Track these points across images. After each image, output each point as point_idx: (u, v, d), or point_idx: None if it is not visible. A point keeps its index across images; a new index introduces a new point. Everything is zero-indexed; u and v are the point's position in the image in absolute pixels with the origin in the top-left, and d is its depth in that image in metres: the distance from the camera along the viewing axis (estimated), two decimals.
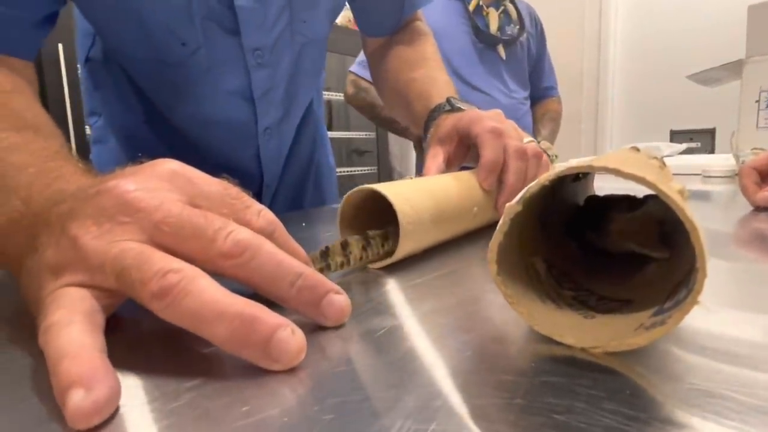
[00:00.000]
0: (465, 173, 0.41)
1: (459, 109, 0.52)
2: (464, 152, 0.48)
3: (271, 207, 0.68)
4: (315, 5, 0.57)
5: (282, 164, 0.66)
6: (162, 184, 0.21)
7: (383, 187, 0.31)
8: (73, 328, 0.17)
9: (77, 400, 0.14)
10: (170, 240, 0.19)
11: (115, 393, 0.15)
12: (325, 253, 0.28)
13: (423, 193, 0.34)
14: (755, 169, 0.50)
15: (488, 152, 0.41)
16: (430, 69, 0.64)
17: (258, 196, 0.65)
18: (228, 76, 0.53)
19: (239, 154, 0.60)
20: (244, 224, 0.21)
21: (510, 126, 0.45)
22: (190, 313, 0.17)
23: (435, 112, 0.54)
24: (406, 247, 0.31)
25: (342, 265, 0.28)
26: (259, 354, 0.17)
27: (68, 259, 0.19)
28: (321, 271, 0.27)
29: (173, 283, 0.17)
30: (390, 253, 0.31)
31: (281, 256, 0.20)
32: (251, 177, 0.63)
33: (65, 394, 0.15)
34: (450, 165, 0.47)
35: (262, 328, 0.17)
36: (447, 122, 0.49)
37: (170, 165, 0.22)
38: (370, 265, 0.32)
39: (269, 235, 0.22)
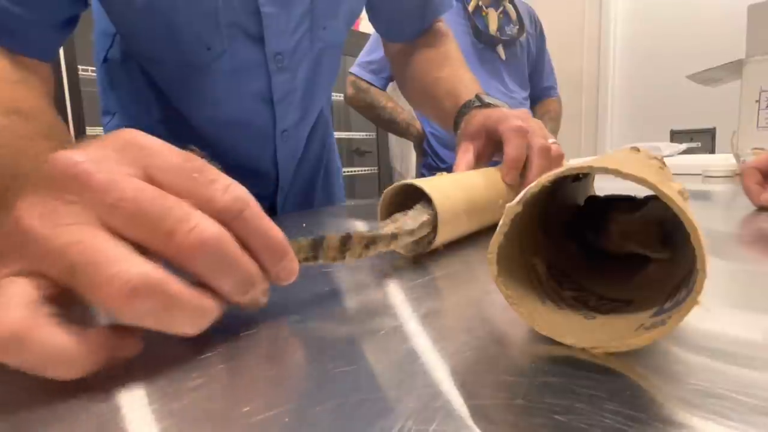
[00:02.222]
0: (491, 169, 0.45)
1: (488, 105, 0.54)
2: (492, 149, 0.50)
3: (282, 207, 0.68)
4: (336, 13, 0.58)
5: (296, 166, 0.67)
6: (114, 154, 0.18)
7: (420, 182, 0.34)
8: (40, 333, 0.15)
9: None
10: (122, 225, 0.17)
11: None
12: (318, 244, 0.25)
13: (455, 187, 0.37)
14: (757, 169, 0.50)
15: (511, 149, 0.44)
16: (455, 68, 0.66)
17: (273, 197, 0.66)
18: (250, 79, 0.54)
19: (256, 156, 0.61)
20: (207, 201, 0.19)
21: (536, 125, 0.47)
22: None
23: (465, 108, 0.56)
24: (443, 235, 0.34)
25: (334, 259, 0.26)
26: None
27: (10, 244, 0.17)
28: (306, 260, 0.24)
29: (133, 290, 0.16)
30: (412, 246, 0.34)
31: (244, 263, 0.19)
32: (267, 178, 0.64)
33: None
34: (479, 160, 0.50)
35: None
36: (476, 119, 0.51)
37: (126, 134, 0.19)
38: (403, 252, 0.34)
39: (237, 215, 0.19)
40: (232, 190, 0.19)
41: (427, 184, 0.34)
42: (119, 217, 0.17)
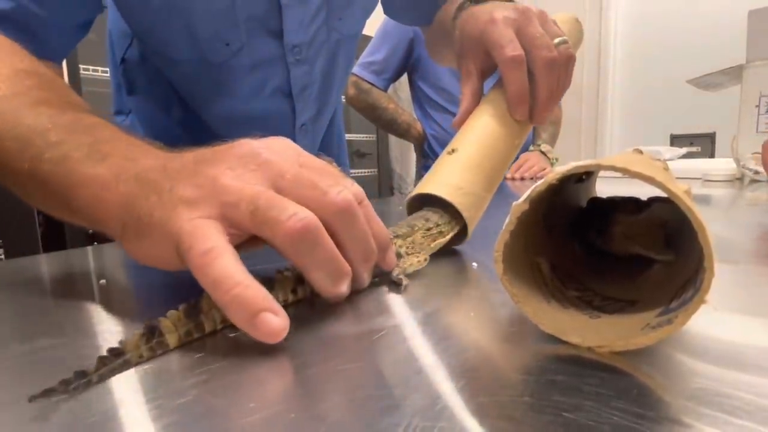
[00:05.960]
0: (501, 104, 0.41)
1: None
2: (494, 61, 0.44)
3: None
4: (351, 3, 0.58)
5: None
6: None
7: (438, 188, 0.35)
8: (229, 257, 0.20)
9: (274, 321, 0.19)
10: (289, 187, 0.22)
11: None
12: (194, 309, 0.20)
13: (472, 170, 0.37)
14: None
15: (510, 85, 0.40)
16: None
17: None
18: (268, 73, 0.55)
19: None
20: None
21: (534, 30, 0.41)
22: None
23: (458, 12, 0.49)
24: (472, 225, 0.36)
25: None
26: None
27: (206, 193, 0.22)
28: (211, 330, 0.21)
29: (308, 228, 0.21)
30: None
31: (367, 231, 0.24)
32: None
33: (257, 316, 0.19)
34: (486, 76, 0.45)
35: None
36: (470, 29, 0.44)
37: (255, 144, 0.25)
38: (435, 243, 0.34)
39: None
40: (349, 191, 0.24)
41: (444, 188, 0.35)
42: (287, 180, 0.23)
